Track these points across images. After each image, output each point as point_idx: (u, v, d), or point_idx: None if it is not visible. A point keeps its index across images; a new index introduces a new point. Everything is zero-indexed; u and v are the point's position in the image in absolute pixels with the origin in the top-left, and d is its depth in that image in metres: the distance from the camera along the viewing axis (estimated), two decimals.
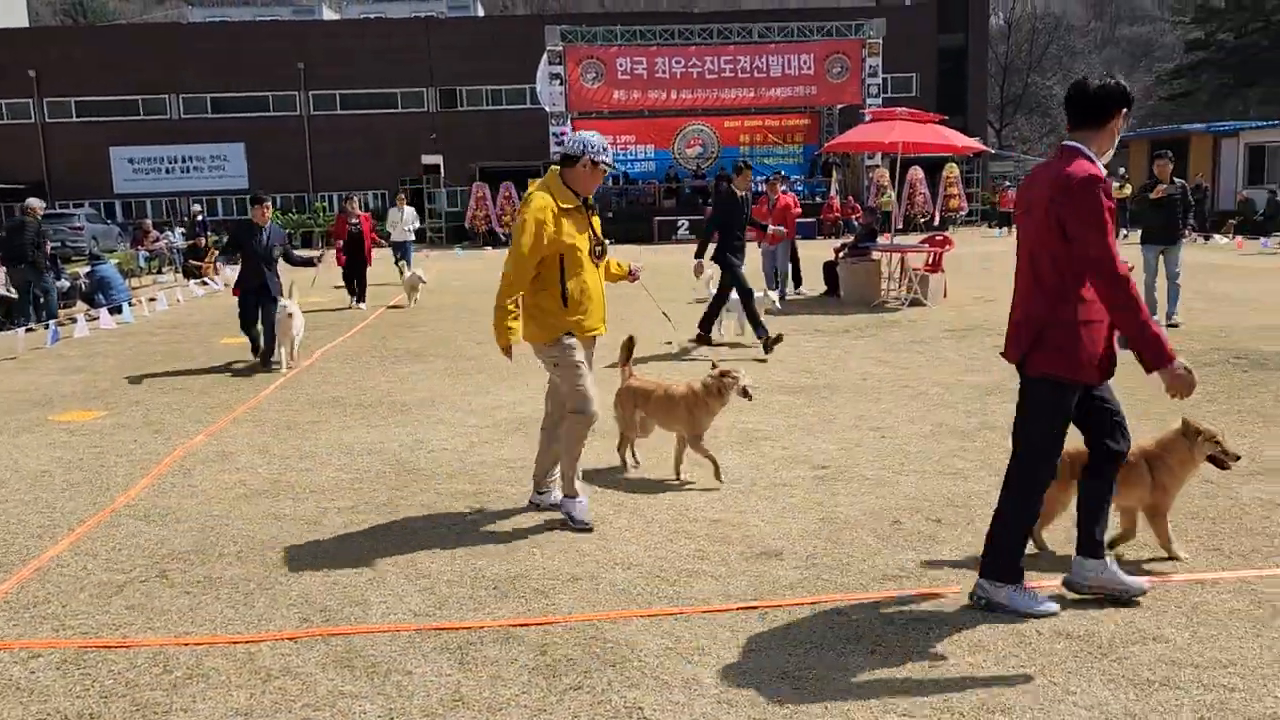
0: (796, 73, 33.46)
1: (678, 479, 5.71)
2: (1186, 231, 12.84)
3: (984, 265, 19.41)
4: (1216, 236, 25.52)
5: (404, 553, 4.68)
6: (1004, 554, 3.85)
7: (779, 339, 9.98)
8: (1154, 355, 3.54)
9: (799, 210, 15.62)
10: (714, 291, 10.67)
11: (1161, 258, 11.27)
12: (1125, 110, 3.74)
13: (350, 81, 42.83)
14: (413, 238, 18.55)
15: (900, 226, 30.75)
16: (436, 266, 23.40)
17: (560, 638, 3.76)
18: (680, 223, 31.68)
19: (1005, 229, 32.10)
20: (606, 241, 5.17)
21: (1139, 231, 11.98)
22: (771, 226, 12.27)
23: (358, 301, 15.44)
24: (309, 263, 11.29)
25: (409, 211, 18.41)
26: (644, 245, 29.35)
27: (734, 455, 6.23)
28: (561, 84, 32.40)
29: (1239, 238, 24.36)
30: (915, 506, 5.15)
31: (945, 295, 13.89)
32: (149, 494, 5.75)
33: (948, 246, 14.15)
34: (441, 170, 35.80)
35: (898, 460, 6.03)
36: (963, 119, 40.89)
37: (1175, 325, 10.97)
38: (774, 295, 10.52)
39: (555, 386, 5.15)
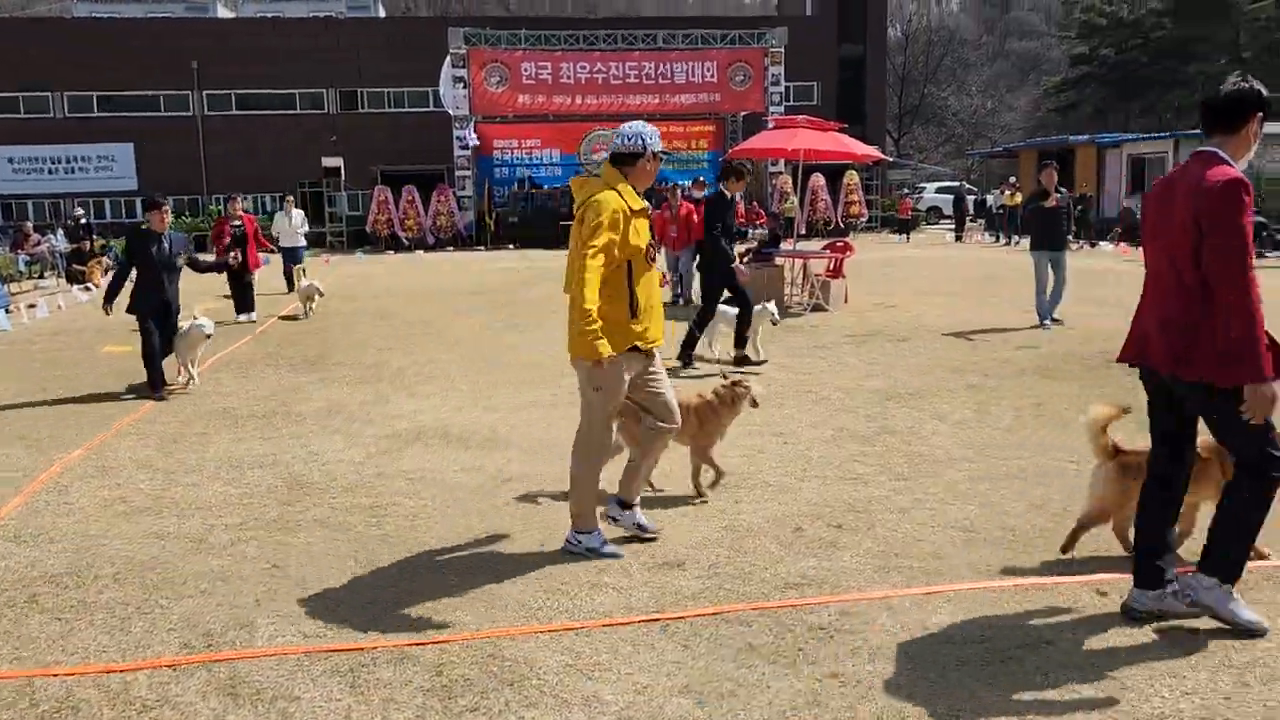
0: (700, 80, 33.77)
1: (700, 496, 5.45)
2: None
3: (884, 271, 19.82)
4: (1102, 244, 26.56)
5: (295, 571, 4.50)
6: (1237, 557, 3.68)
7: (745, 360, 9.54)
8: (1256, 366, 3.42)
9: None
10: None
11: (1050, 263, 11.74)
12: (1260, 114, 3.62)
13: (246, 81, 41.61)
14: (303, 242, 17.70)
15: (803, 232, 31.28)
16: (337, 272, 22.89)
17: (457, 657, 3.65)
18: None
19: (905, 235, 32.96)
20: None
21: (1029, 238, 12.45)
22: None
23: (243, 313, 13.86)
24: (221, 267, 10.47)
25: (297, 215, 17.52)
26: (550, 250, 29.21)
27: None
28: (465, 87, 32.05)
29: (1123, 244, 25.42)
30: (817, 513, 5.17)
31: (846, 300, 14.12)
32: (21, 513, 5.43)
33: (849, 252, 14.40)
34: (342, 173, 35.03)
35: (800, 466, 6.06)
36: (862, 128, 41.73)
37: (1048, 325, 11.57)
38: (772, 307, 9.78)
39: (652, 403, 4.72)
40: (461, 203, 32.68)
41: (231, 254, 10.94)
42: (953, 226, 34.79)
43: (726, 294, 9.64)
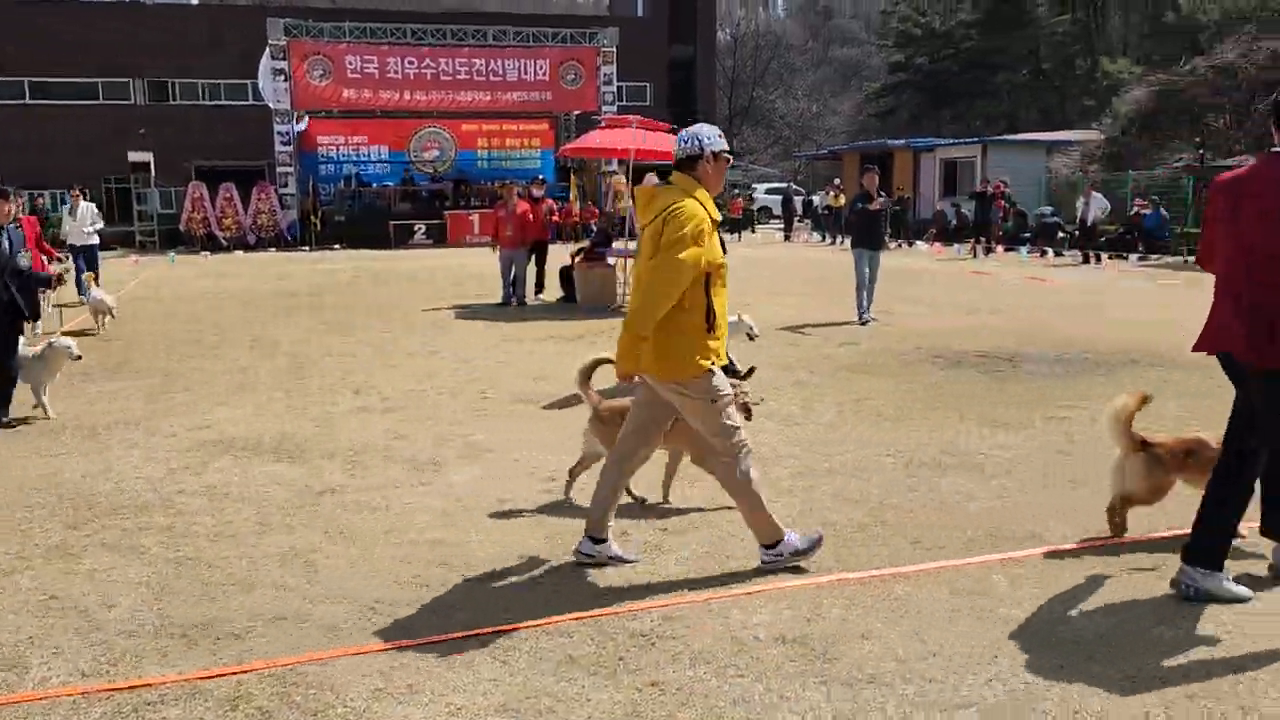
0: (533, 78, 33.48)
1: (666, 501, 5.29)
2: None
3: None
4: (919, 243, 27.87)
5: (76, 602, 4.10)
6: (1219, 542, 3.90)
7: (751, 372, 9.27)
8: None
9: (554, 216, 15.52)
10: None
11: (868, 262, 12.23)
12: None
13: (44, 68, 38.61)
14: (95, 240, 15.38)
15: (639, 232, 31.47)
16: (144, 274, 21.52)
17: (255, 688, 3.38)
18: (417, 227, 30.87)
19: (737, 235, 33.68)
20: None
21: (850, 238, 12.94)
22: None
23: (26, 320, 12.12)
24: (45, 283, 8.14)
25: (85, 208, 15.38)
26: (380, 250, 28.38)
27: (459, 470, 5.99)
28: (286, 80, 30.69)
29: (937, 244, 26.76)
30: (644, 517, 5.11)
31: None
32: None
33: None
34: (152, 168, 32.97)
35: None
36: (675, 130, 42.38)
37: (867, 321, 12.08)
38: (749, 319, 9.09)
39: (643, 418, 4.42)
40: (284, 201, 31.28)
41: (62, 271, 9.44)
42: (781, 226, 35.82)
43: None
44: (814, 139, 64.98)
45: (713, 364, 4.17)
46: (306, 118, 31.74)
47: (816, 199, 37.80)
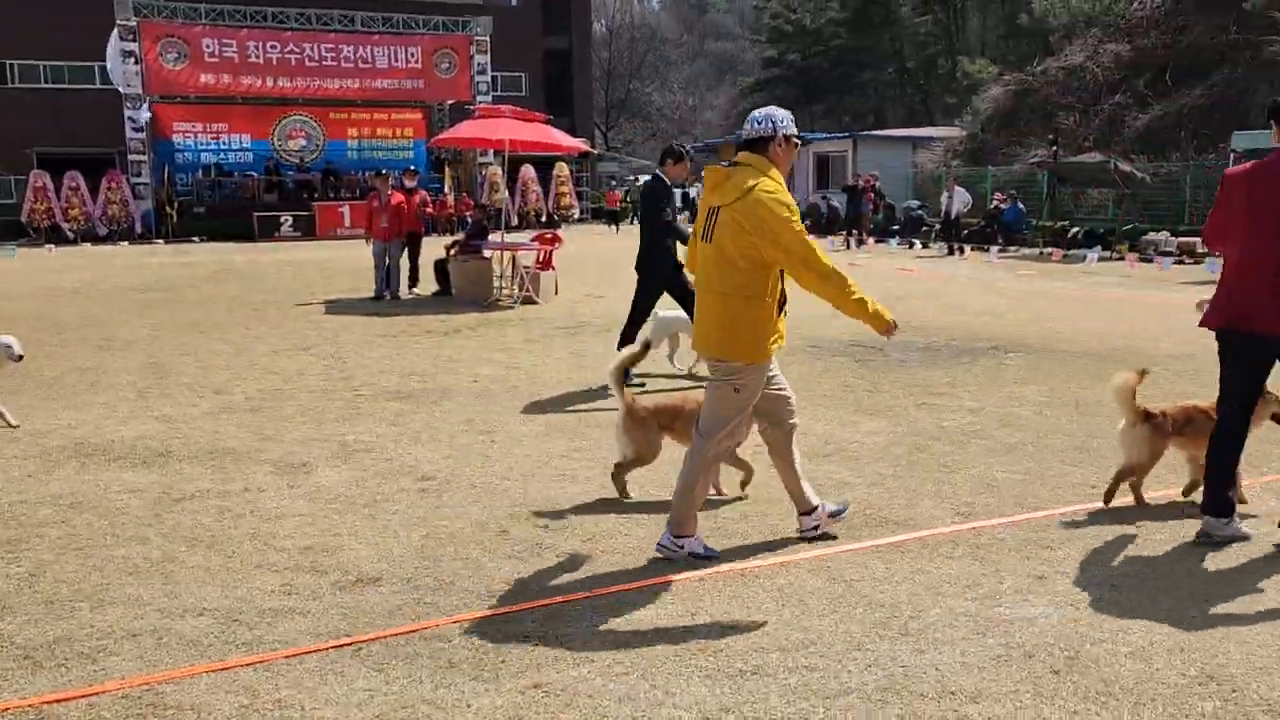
0: (404, 66, 32.76)
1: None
2: None
3: (595, 263, 20.12)
4: None
5: None
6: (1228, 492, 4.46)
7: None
8: None
9: (429, 208, 15.13)
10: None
11: None
12: None
13: None
14: None
15: (515, 223, 31.22)
16: None
17: (109, 710, 3.16)
18: (284, 219, 29.83)
19: (614, 226, 33.72)
20: None
21: None
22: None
23: None
24: None
25: None
26: (245, 242, 27.32)
27: (329, 471, 5.77)
28: (137, 63, 29.19)
29: (811, 237, 27.33)
30: (523, 514, 5.01)
31: (557, 292, 14.13)
32: None
33: (557, 244, 14.41)
34: None
35: (506, 465, 5.88)
36: (570, 120, 42.28)
37: None
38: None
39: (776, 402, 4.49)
40: (137, 191, 29.76)
41: None
42: None
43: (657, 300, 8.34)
44: (691, 132, 65.60)
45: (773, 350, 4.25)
46: (148, 103, 30.06)
47: (693, 191, 38.10)
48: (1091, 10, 32.62)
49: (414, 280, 15.07)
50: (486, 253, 14.50)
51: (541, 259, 14.06)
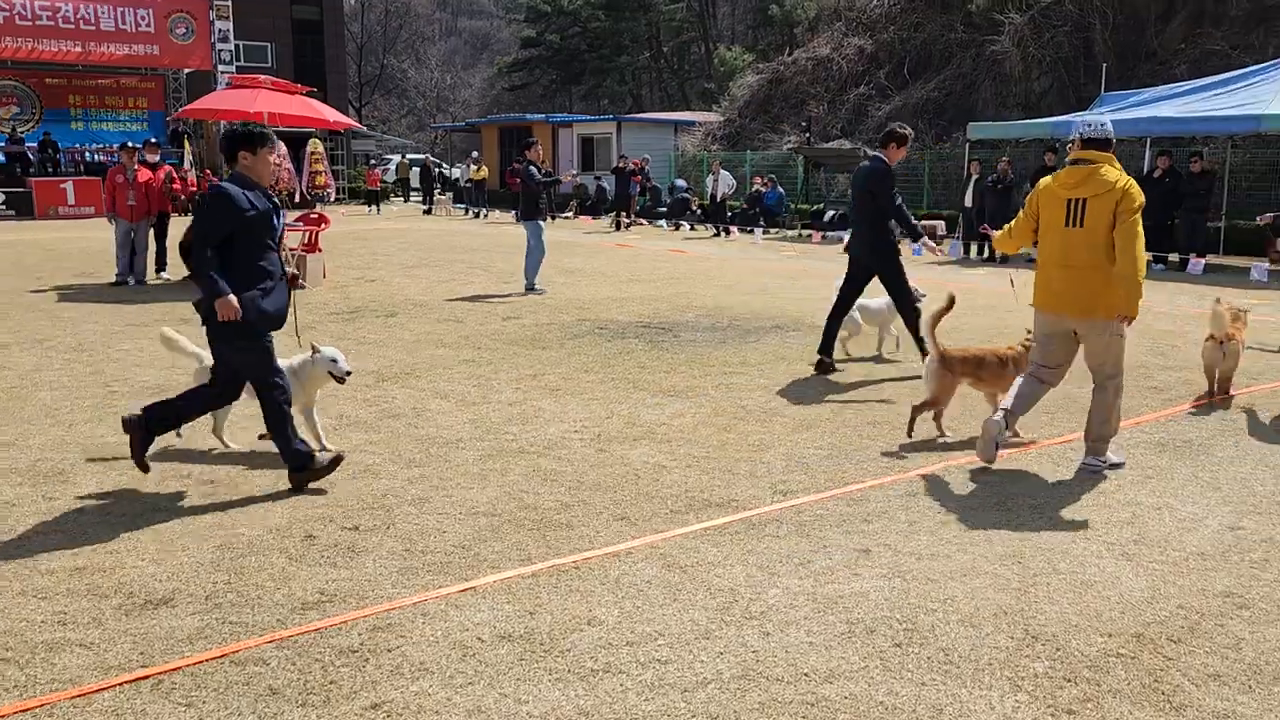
0: (133, 29, 29.89)
1: (943, 435, 5.88)
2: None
3: (361, 244, 19.24)
4: (562, 216, 28.38)
5: None
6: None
7: None
8: None
9: (178, 185, 13.81)
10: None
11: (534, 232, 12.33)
12: None
13: None
14: None
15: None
16: None
17: None
18: None
19: (375, 207, 32.44)
20: None
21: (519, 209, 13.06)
22: None
23: None
24: None
25: None
26: None
27: (91, 479, 5.11)
28: None
29: (584, 216, 27.47)
30: (328, 515, 4.63)
31: (325, 276, 13.36)
32: None
33: (324, 225, 13.61)
34: None
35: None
36: (323, 95, 40.11)
37: (540, 290, 12.31)
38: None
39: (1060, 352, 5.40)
40: None
41: None
42: (421, 199, 35.01)
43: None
44: (449, 110, 64.23)
45: None
46: None
47: (458, 171, 37.36)
48: (836, 4, 34.49)
49: (161, 264, 13.80)
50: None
51: (309, 241, 13.24)
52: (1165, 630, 3.50)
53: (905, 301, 7.76)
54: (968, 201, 18.07)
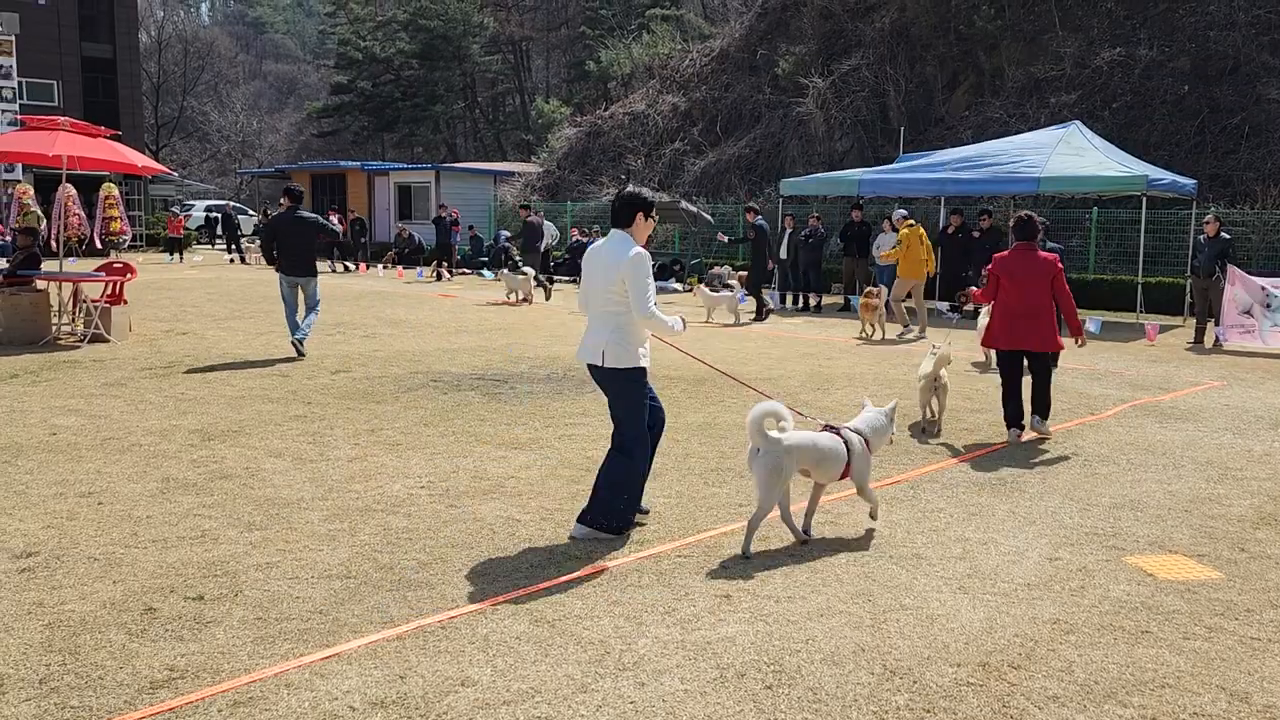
0: None
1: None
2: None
3: (167, 295, 18.22)
4: (378, 267, 27.78)
5: None
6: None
7: None
8: None
9: None
10: None
11: (300, 288, 11.33)
12: None
13: None
14: None
15: (54, 250, 27.27)
16: None
17: None
18: None
19: (177, 255, 30.82)
20: None
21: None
22: None
23: None
24: None
25: None
26: None
27: None
28: None
29: (399, 268, 26.91)
30: (167, 585, 4.36)
31: (131, 329, 12.58)
32: None
33: (130, 275, 12.84)
34: None
35: (128, 530, 5.09)
36: (117, 137, 37.91)
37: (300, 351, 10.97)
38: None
39: None
40: None
41: None
42: (225, 247, 33.50)
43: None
44: (255, 155, 61.95)
45: None
46: None
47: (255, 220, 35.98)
48: (650, 62, 35.62)
49: None
50: (40, 284, 12.55)
51: (113, 291, 12.45)
52: (1006, 658, 3.78)
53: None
54: (783, 254, 18.95)
